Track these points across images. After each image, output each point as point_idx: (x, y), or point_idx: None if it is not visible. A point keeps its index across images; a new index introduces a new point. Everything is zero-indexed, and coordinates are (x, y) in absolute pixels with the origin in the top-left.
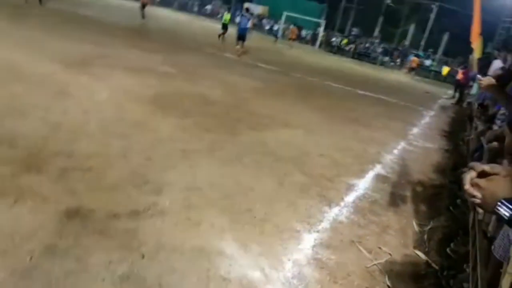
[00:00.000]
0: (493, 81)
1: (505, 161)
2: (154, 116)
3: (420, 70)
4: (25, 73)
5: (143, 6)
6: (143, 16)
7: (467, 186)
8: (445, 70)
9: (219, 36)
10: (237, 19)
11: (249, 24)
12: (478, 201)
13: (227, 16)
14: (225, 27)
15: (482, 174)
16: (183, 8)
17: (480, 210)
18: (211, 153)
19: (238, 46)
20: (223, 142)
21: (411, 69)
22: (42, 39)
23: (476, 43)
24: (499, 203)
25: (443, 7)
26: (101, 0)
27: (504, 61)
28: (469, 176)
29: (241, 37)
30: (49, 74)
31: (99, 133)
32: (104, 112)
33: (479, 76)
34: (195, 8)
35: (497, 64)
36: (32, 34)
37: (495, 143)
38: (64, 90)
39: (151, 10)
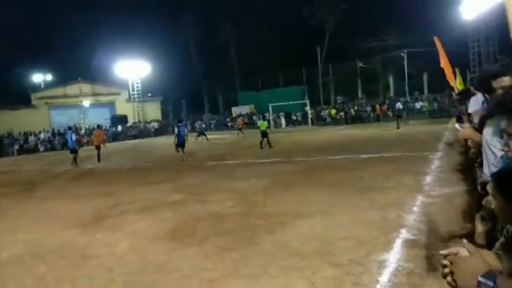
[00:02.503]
0: (469, 132)
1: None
2: (175, 252)
3: (415, 114)
4: (46, 248)
5: (97, 148)
6: (98, 159)
7: (445, 263)
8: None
9: (261, 143)
10: (175, 130)
11: (186, 131)
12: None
13: (262, 123)
14: (264, 134)
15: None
16: None
17: None
18: (236, 273)
19: (180, 153)
20: (245, 258)
21: (378, 116)
22: (56, 205)
23: (452, 80)
24: (479, 279)
25: (412, 52)
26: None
27: (484, 97)
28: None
29: (181, 144)
30: (68, 242)
31: None
32: (127, 264)
33: (457, 125)
34: (188, 127)
35: (476, 101)
36: (46, 202)
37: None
38: (86, 254)
39: (147, 141)
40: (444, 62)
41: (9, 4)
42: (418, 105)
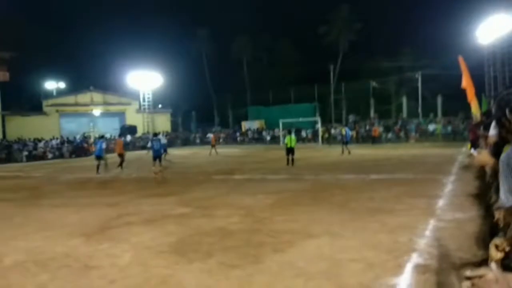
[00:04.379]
0: (485, 158)
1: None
2: (178, 267)
3: (428, 136)
4: (48, 258)
5: (120, 155)
6: (121, 166)
7: None
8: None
9: (287, 161)
10: (149, 144)
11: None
12: None
13: (290, 138)
14: (290, 150)
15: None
16: (186, 143)
17: None
18: None
19: (154, 168)
20: (250, 276)
21: (374, 138)
22: (61, 213)
23: (473, 102)
24: None
25: (426, 73)
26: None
27: (497, 123)
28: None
29: (157, 157)
30: (70, 252)
31: None
32: (130, 277)
33: (473, 151)
34: (197, 140)
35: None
36: (51, 210)
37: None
38: (88, 264)
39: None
40: (466, 83)
41: (29, 12)
42: (431, 127)
